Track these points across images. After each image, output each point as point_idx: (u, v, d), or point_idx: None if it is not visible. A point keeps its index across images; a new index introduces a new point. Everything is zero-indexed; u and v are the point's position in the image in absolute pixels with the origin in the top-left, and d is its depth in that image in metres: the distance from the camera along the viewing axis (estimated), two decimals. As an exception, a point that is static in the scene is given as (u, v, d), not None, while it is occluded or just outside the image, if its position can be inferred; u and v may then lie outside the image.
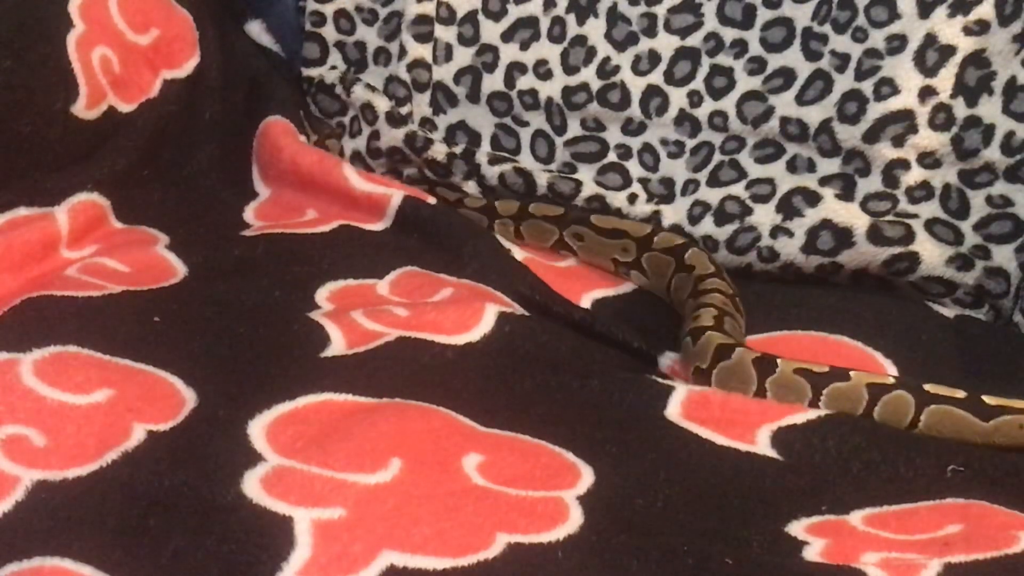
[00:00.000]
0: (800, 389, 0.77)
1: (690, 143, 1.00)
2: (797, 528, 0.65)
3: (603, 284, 0.93)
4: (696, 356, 0.80)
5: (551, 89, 1.02)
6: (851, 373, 0.76)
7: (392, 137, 1.03)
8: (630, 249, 0.94)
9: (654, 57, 1.00)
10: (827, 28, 0.97)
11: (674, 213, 0.98)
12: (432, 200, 0.97)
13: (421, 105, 1.05)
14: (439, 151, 1.02)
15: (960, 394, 0.76)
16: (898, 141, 0.94)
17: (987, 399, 0.76)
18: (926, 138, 0.94)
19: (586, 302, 0.90)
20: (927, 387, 0.76)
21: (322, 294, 0.86)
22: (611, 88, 1.01)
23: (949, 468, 0.71)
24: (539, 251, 0.97)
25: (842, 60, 0.96)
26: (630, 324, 0.85)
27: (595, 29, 1.02)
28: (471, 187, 1.02)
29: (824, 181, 0.96)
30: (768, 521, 0.65)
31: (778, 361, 0.77)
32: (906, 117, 0.94)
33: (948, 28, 0.93)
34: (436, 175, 1.03)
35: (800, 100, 0.97)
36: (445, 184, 1.03)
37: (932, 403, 0.76)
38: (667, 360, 0.83)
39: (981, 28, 0.93)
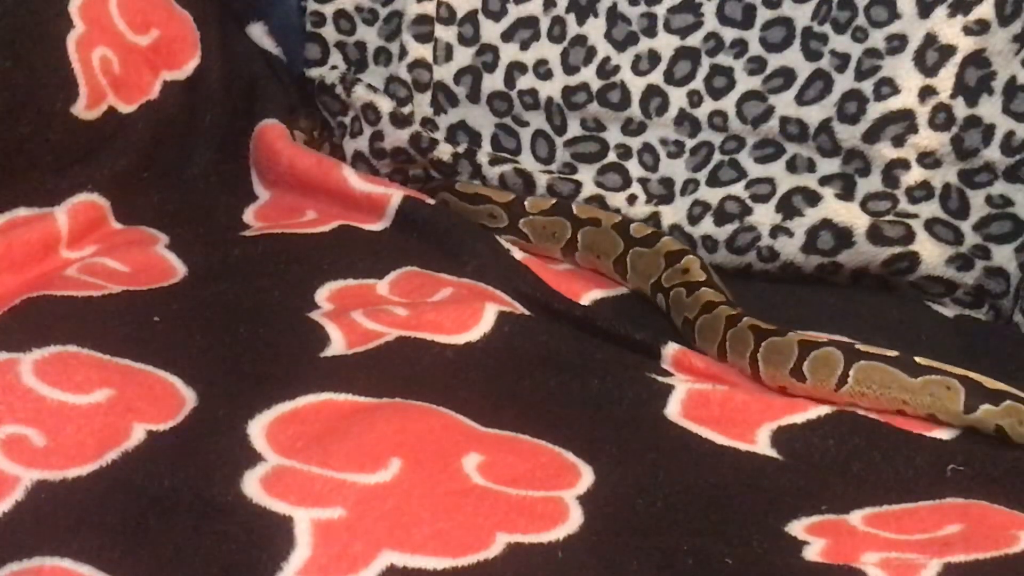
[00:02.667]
0: (746, 340, 0.82)
1: (690, 143, 1.00)
2: (797, 528, 0.65)
3: (602, 285, 0.93)
4: (686, 307, 0.87)
5: (551, 89, 1.02)
6: (790, 332, 0.81)
7: (397, 138, 1.03)
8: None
9: (654, 57, 1.00)
10: (827, 28, 0.96)
11: (674, 213, 0.98)
12: (431, 201, 0.97)
13: (422, 105, 1.05)
14: (444, 151, 1.02)
15: (892, 353, 0.78)
16: (898, 141, 0.94)
17: (919, 360, 0.78)
18: (926, 138, 0.94)
19: (585, 302, 0.91)
20: (859, 346, 0.79)
21: (322, 294, 0.86)
22: (611, 88, 1.01)
23: (949, 468, 0.71)
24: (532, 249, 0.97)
25: (842, 60, 0.96)
26: (631, 321, 0.85)
27: (595, 29, 1.02)
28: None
29: (824, 181, 0.96)
30: (768, 521, 0.65)
31: (744, 318, 0.83)
32: (906, 117, 0.94)
33: (948, 28, 0.93)
34: (441, 175, 1.03)
35: (800, 100, 0.97)
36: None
37: (862, 359, 0.78)
38: (670, 351, 0.83)
39: (981, 28, 0.93)
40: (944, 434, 0.76)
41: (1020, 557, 0.62)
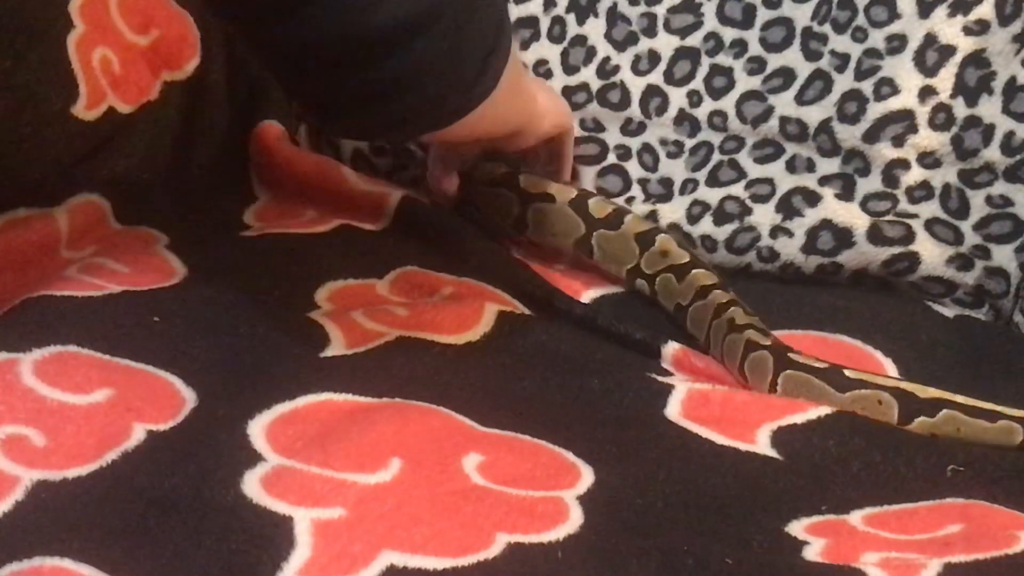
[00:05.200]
0: (702, 324, 0.85)
1: (689, 143, 1.00)
2: (797, 528, 0.65)
3: (603, 283, 0.93)
4: (679, 294, 0.88)
5: (551, 89, 1.02)
6: (748, 331, 0.81)
7: (393, 136, 1.03)
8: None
9: (654, 57, 1.00)
10: (827, 28, 0.97)
11: (672, 212, 0.98)
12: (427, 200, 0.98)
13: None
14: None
15: (821, 364, 0.78)
16: (898, 141, 0.94)
17: (849, 372, 0.77)
18: (926, 138, 0.94)
19: (585, 300, 0.91)
20: (792, 353, 0.79)
21: (322, 294, 0.86)
22: (611, 88, 1.01)
23: (949, 468, 0.71)
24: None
25: (842, 60, 0.96)
26: (632, 319, 0.85)
27: (595, 29, 1.02)
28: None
29: (824, 181, 0.96)
30: (768, 521, 0.65)
31: (733, 308, 0.84)
32: (906, 117, 0.94)
33: (948, 28, 0.93)
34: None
35: (800, 100, 0.97)
36: None
37: (789, 368, 0.78)
38: (670, 350, 0.83)
39: (981, 28, 0.93)
40: (944, 434, 0.76)
41: (1020, 557, 0.61)
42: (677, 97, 1.00)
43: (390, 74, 0.71)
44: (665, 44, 1.00)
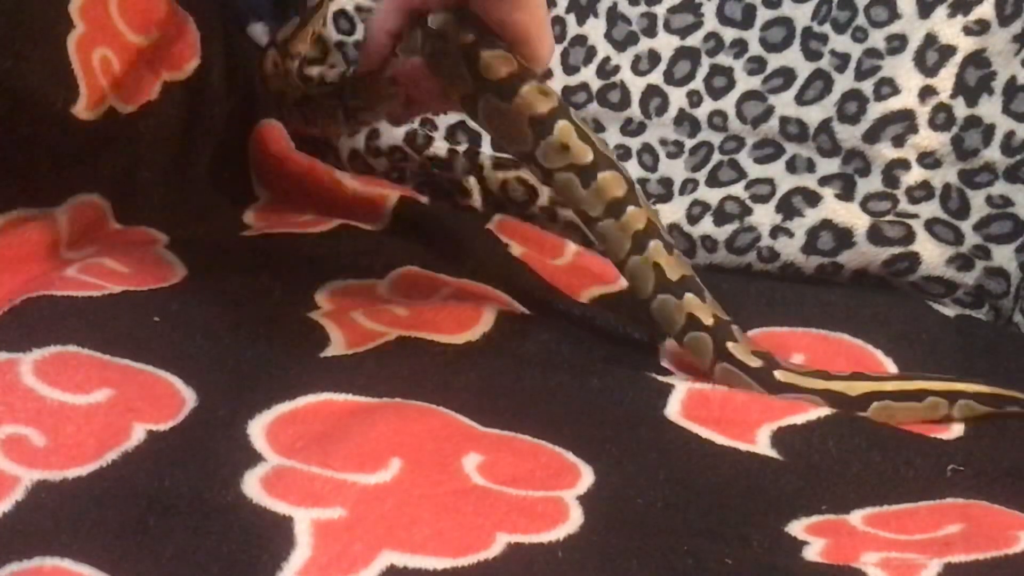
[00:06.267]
0: (618, 249, 0.78)
1: (689, 143, 1.00)
2: (797, 528, 0.65)
3: (602, 281, 0.93)
4: (585, 202, 0.78)
5: (551, 89, 1.02)
6: (688, 297, 0.77)
7: (392, 136, 1.03)
8: None
9: (654, 57, 1.00)
10: (827, 28, 0.97)
11: (672, 212, 0.98)
12: (425, 199, 0.98)
13: (421, 105, 1.05)
14: (440, 148, 1.02)
15: (756, 363, 0.77)
16: (898, 141, 0.94)
17: (779, 375, 0.77)
18: (926, 138, 0.94)
19: (584, 300, 0.91)
20: (731, 345, 0.78)
21: (322, 294, 0.86)
22: (611, 88, 1.01)
23: (949, 467, 0.71)
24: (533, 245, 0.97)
25: (842, 60, 0.96)
26: (630, 318, 0.85)
27: (595, 29, 1.02)
28: (472, 183, 1.02)
29: (824, 181, 0.96)
30: (768, 521, 0.65)
31: (629, 211, 0.77)
32: (906, 117, 0.94)
33: (948, 28, 0.93)
34: (438, 171, 1.03)
35: (800, 100, 0.97)
36: (447, 180, 1.03)
37: (725, 362, 0.77)
38: (670, 348, 0.83)
39: (981, 28, 0.93)
40: (944, 434, 0.76)
41: (1020, 557, 0.61)
42: (677, 97, 1.00)
43: None
44: (665, 44, 1.00)
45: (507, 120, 0.76)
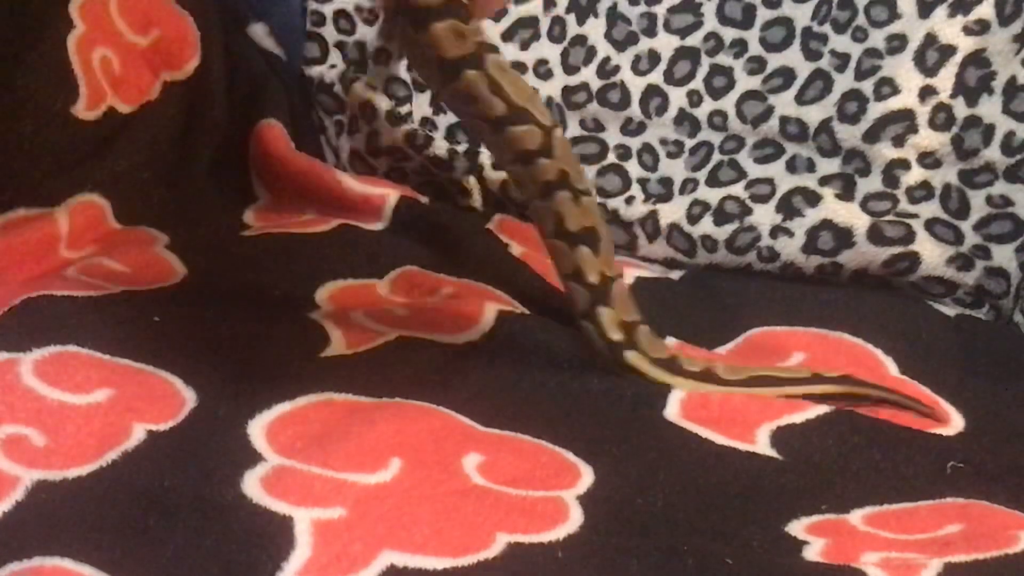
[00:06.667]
0: (546, 225, 0.76)
1: (689, 143, 1.00)
2: (797, 528, 0.65)
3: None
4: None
5: (551, 89, 1.02)
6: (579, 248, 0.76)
7: (392, 136, 1.03)
8: None
9: (654, 57, 1.01)
10: (827, 28, 0.97)
11: (672, 212, 0.98)
12: (425, 199, 0.98)
13: (422, 105, 1.05)
14: (440, 147, 1.02)
15: (616, 336, 0.78)
16: (898, 141, 0.94)
17: (629, 356, 0.77)
18: (926, 138, 0.94)
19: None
20: (599, 307, 0.77)
21: (322, 294, 0.86)
22: (611, 88, 1.01)
23: (949, 464, 0.71)
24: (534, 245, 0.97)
25: (842, 60, 0.96)
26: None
27: (595, 29, 1.02)
28: (472, 182, 1.02)
29: (824, 181, 0.96)
30: (768, 521, 0.65)
31: (538, 162, 0.74)
32: (906, 117, 0.94)
33: (948, 28, 0.93)
34: (438, 171, 1.03)
35: (800, 100, 0.97)
36: (447, 179, 1.03)
37: (629, 349, 0.77)
38: (669, 346, 0.83)
39: (981, 28, 0.93)
40: (945, 431, 0.76)
41: (1020, 557, 0.61)
42: (677, 97, 1.00)
43: None
44: (665, 44, 1.00)
45: (416, 52, 0.70)
